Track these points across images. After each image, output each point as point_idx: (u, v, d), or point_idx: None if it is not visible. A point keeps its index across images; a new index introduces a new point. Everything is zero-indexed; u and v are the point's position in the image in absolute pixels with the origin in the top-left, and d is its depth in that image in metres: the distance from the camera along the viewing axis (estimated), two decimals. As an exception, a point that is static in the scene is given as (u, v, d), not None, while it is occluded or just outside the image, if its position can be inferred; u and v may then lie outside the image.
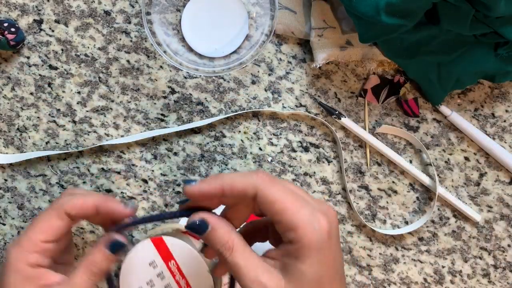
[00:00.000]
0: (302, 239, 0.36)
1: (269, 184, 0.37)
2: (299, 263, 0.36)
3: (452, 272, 0.55)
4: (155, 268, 0.47)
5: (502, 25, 0.47)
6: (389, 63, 0.54)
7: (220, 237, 0.37)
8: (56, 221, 0.41)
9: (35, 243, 0.40)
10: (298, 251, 0.36)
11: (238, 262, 0.37)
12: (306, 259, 0.36)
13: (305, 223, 0.36)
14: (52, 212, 0.41)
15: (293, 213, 0.36)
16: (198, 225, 0.38)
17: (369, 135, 0.54)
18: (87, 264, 0.40)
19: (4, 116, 0.54)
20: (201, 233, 0.38)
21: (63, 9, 0.54)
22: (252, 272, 0.36)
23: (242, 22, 0.53)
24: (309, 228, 0.36)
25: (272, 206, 0.36)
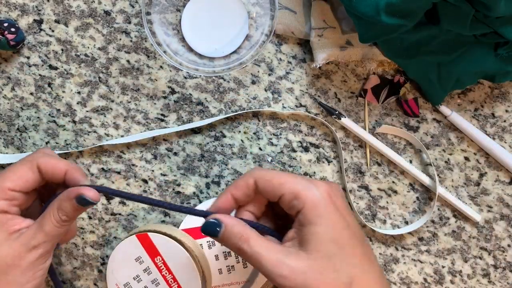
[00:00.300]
0: (306, 203, 0.38)
1: (264, 170, 0.41)
2: (312, 227, 0.37)
3: (452, 272, 0.55)
4: (142, 264, 0.48)
5: (502, 25, 0.47)
6: (389, 63, 0.54)
7: (235, 232, 0.38)
8: (27, 172, 0.42)
9: (3, 190, 0.41)
10: (307, 216, 0.38)
11: (257, 251, 0.38)
12: (317, 219, 0.38)
13: (305, 188, 0.38)
14: (25, 163, 0.42)
15: (292, 183, 0.39)
16: (212, 225, 0.39)
17: (369, 135, 0.54)
18: (55, 212, 0.41)
19: (4, 116, 0.54)
20: (216, 232, 0.39)
21: (63, 9, 0.54)
22: (273, 257, 0.37)
23: (242, 22, 0.53)
24: (309, 192, 0.38)
25: (271, 183, 0.39)
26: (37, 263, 0.41)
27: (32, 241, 0.40)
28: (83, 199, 0.40)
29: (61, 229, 0.41)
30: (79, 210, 0.41)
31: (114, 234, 0.55)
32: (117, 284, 0.49)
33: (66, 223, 0.41)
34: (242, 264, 0.50)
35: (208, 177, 0.54)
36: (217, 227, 0.39)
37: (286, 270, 0.37)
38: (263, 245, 0.38)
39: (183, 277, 0.47)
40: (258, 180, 0.40)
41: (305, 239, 0.38)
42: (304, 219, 0.38)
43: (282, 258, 0.37)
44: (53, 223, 0.41)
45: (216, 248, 0.50)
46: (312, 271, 0.37)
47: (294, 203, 0.38)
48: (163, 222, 0.54)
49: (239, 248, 0.38)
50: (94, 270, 0.55)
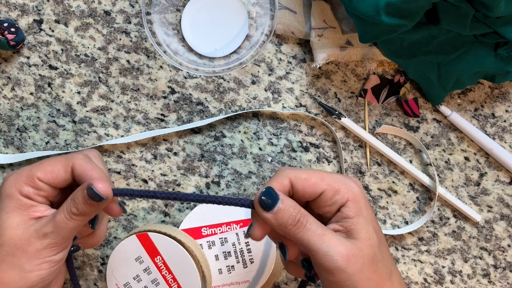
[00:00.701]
0: (350, 197, 0.38)
1: (295, 169, 0.39)
2: (359, 219, 0.38)
3: (452, 272, 0.55)
4: (142, 264, 0.48)
5: (502, 25, 0.47)
6: (389, 63, 0.54)
7: (293, 205, 0.37)
8: (60, 168, 0.41)
9: (31, 178, 0.40)
10: (352, 208, 0.38)
11: (318, 226, 0.37)
12: (362, 212, 0.38)
13: (345, 183, 0.39)
14: (61, 160, 0.41)
15: (330, 179, 0.39)
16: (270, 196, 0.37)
17: (369, 135, 0.54)
18: (69, 202, 0.40)
19: (4, 116, 0.54)
20: (274, 203, 0.37)
21: (63, 9, 0.54)
22: (334, 236, 0.37)
23: (242, 22, 0.53)
24: (350, 187, 0.39)
25: (308, 181, 0.38)
26: (44, 253, 0.40)
27: (43, 228, 0.40)
28: (92, 190, 0.38)
29: (70, 222, 0.40)
30: (90, 206, 0.39)
31: (114, 234, 0.55)
32: (117, 284, 0.49)
33: (76, 217, 0.40)
34: (242, 264, 0.50)
35: (208, 177, 0.54)
36: (275, 198, 0.37)
37: (348, 250, 0.36)
38: (320, 224, 0.37)
39: (183, 277, 0.47)
40: (294, 180, 0.39)
41: (354, 230, 0.38)
42: (349, 211, 0.38)
43: (342, 240, 0.37)
44: (64, 214, 0.40)
45: (216, 248, 0.50)
46: (368, 258, 0.37)
47: (336, 198, 0.38)
48: (163, 222, 0.54)
49: (298, 220, 0.37)
50: (94, 270, 0.55)
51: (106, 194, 0.39)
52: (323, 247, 0.36)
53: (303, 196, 0.39)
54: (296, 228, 0.37)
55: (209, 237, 0.50)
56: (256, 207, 0.38)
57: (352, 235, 0.38)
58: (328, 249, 0.36)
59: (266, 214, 0.37)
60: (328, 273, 0.37)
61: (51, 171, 0.41)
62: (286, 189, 0.39)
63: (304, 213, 0.37)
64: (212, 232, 0.50)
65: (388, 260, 0.39)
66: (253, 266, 0.50)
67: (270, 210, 0.37)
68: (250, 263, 0.50)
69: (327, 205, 0.39)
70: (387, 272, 0.38)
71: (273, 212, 0.37)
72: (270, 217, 0.37)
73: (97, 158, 0.44)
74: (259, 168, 0.54)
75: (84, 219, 0.40)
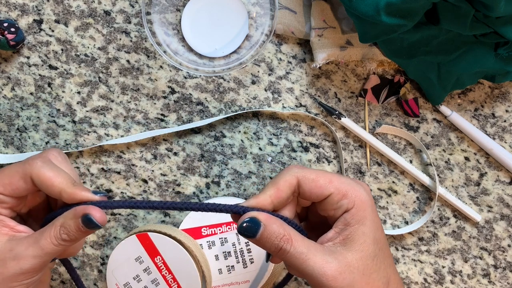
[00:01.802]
0: (356, 203, 0.37)
1: (303, 168, 0.39)
2: (359, 227, 0.37)
3: (452, 272, 0.55)
4: (142, 264, 0.48)
5: (502, 25, 0.47)
6: (389, 63, 0.54)
7: (275, 232, 0.37)
8: (18, 180, 0.38)
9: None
10: (356, 216, 0.37)
11: (301, 251, 0.36)
12: (365, 220, 0.37)
13: (353, 188, 0.38)
14: (18, 170, 0.38)
15: (338, 182, 0.38)
16: (250, 225, 0.37)
17: (369, 135, 0.54)
18: (58, 229, 0.38)
19: (4, 116, 0.54)
20: (255, 233, 0.37)
21: (63, 9, 0.54)
22: (319, 257, 0.36)
23: (242, 22, 0.53)
24: (358, 192, 0.38)
25: (316, 183, 0.38)
26: (22, 277, 0.37)
27: (24, 251, 0.37)
28: (89, 220, 0.37)
29: (57, 248, 0.38)
30: (83, 233, 0.38)
31: (114, 234, 0.55)
32: (117, 284, 0.49)
33: (66, 242, 0.38)
34: (242, 264, 0.50)
35: (208, 177, 0.54)
36: (256, 227, 0.36)
37: (333, 270, 0.36)
38: (307, 245, 0.37)
39: (183, 277, 0.47)
40: (302, 180, 0.38)
41: (350, 239, 0.37)
42: (351, 218, 0.37)
43: (328, 258, 0.36)
44: (51, 239, 0.37)
45: (216, 248, 0.50)
46: (358, 271, 0.36)
47: (342, 202, 0.38)
48: (163, 222, 0.54)
49: (281, 248, 0.37)
50: (94, 270, 0.55)
51: (103, 222, 0.37)
52: (308, 270, 0.36)
53: (309, 197, 0.39)
54: (280, 254, 0.37)
55: (209, 237, 0.50)
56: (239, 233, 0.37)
57: (346, 245, 0.37)
58: (312, 271, 0.36)
59: (249, 239, 0.37)
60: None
61: (9, 183, 0.38)
62: (292, 188, 0.38)
63: (287, 239, 0.37)
64: (212, 232, 0.50)
65: (385, 269, 0.38)
66: (253, 266, 0.50)
67: (252, 238, 0.37)
68: (250, 263, 0.50)
69: (333, 209, 0.38)
70: (383, 281, 0.38)
71: (255, 239, 0.37)
72: (253, 242, 0.37)
73: (58, 158, 0.41)
74: (259, 168, 0.54)
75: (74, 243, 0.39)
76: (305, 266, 0.36)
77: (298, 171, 0.38)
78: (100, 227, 0.37)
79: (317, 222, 0.41)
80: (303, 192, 0.38)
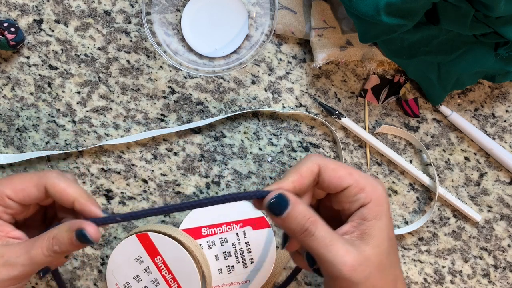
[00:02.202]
0: (373, 198, 0.37)
1: (325, 158, 0.39)
2: (376, 223, 0.37)
3: (452, 272, 0.55)
4: (142, 264, 0.48)
5: (502, 25, 0.47)
6: (389, 63, 0.54)
7: (303, 212, 0.36)
8: (32, 188, 0.39)
9: (0, 196, 0.39)
10: (373, 211, 0.37)
11: (326, 236, 0.36)
12: (381, 216, 0.37)
13: (371, 183, 0.38)
14: (33, 178, 0.40)
15: (357, 175, 0.38)
16: (279, 202, 0.36)
17: (369, 135, 0.54)
18: (51, 240, 0.38)
19: (4, 116, 0.54)
20: (283, 210, 0.36)
21: (63, 9, 0.54)
22: (342, 245, 0.36)
23: (242, 22, 0.53)
24: (376, 188, 0.38)
25: (336, 173, 0.38)
26: (8, 283, 0.38)
27: (15, 259, 0.38)
28: (83, 235, 0.37)
29: (47, 259, 0.38)
30: (75, 246, 0.38)
31: (114, 234, 0.55)
32: (117, 284, 0.49)
33: (56, 254, 0.38)
34: (242, 264, 0.50)
35: (208, 177, 0.54)
36: (284, 204, 0.36)
37: (354, 261, 0.36)
38: (330, 231, 0.37)
39: (183, 277, 0.47)
40: (323, 168, 0.38)
41: (367, 234, 0.37)
42: (368, 213, 0.37)
43: (349, 248, 0.36)
44: (42, 250, 0.38)
45: (216, 248, 0.50)
46: (374, 266, 0.36)
47: (360, 196, 0.38)
48: (163, 222, 0.54)
49: (306, 229, 0.36)
50: (94, 270, 0.55)
51: (96, 239, 0.38)
52: (329, 256, 0.36)
53: (327, 187, 0.38)
54: (304, 236, 0.36)
55: (209, 237, 0.50)
56: (265, 210, 0.37)
57: (363, 239, 0.37)
58: (333, 258, 0.36)
59: (275, 218, 0.37)
60: (332, 280, 0.36)
61: (22, 190, 0.39)
62: (314, 176, 0.38)
63: (313, 221, 0.36)
64: (212, 232, 0.50)
65: (395, 268, 0.39)
66: (253, 266, 0.50)
67: (278, 215, 0.36)
68: (250, 263, 0.50)
69: (349, 202, 0.38)
70: (392, 279, 0.38)
71: (281, 218, 0.36)
72: (278, 221, 0.37)
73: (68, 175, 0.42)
74: (259, 168, 0.54)
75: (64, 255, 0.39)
76: (327, 251, 0.36)
77: (319, 159, 0.38)
78: (92, 243, 0.38)
79: (327, 217, 0.41)
80: (322, 182, 0.38)
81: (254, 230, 0.50)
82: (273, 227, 0.54)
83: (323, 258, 0.36)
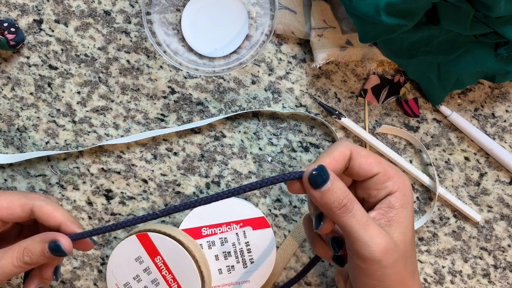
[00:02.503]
0: (401, 187, 0.38)
1: (357, 145, 0.39)
2: (404, 212, 0.38)
3: (452, 272, 0.55)
4: (142, 264, 0.48)
5: (502, 25, 0.47)
6: (389, 63, 0.54)
7: (342, 188, 0.36)
8: (17, 208, 0.40)
9: None
10: (400, 200, 0.38)
11: (363, 214, 0.36)
12: (407, 206, 0.38)
13: (399, 173, 0.39)
14: (20, 198, 0.40)
15: (386, 164, 0.39)
16: (320, 174, 0.36)
17: (369, 135, 0.54)
18: (22, 251, 0.38)
19: (4, 116, 0.54)
20: (323, 182, 0.36)
21: (63, 9, 0.54)
22: (375, 227, 0.36)
23: (242, 22, 0.53)
24: (403, 178, 0.39)
25: (367, 159, 0.38)
26: None
27: None
28: (57, 246, 0.37)
29: (16, 270, 0.38)
30: (46, 258, 0.38)
31: (114, 234, 0.55)
32: (117, 284, 0.49)
33: (26, 265, 0.38)
34: (242, 264, 0.50)
35: (208, 177, 0.54)
36: (325, 177, 0.36)
37: (386, 244, 0.36)
38: (365, 212, 0.37)
39: (183, 277, 0.47)
40: (354, 153, 0.38)
41: (395, 222, 0.37)
42: (396, 201, 0.38)
43: (382, 231, 0.36)
44: (12, 260, 0.38)
45: (216, 248, 0.50)
46: (400, 253, 0.37)
47: (388, 184, 0.38)
48: (163, 222, 0.54)
49: (344, 205, 0.36)
50: (94, 270, 0.55)
51: (69, 251, 0.38)
52: (364, 236, 0.36)
53: (357, 173, 0.39)
54: (341, 212, 0.36)
55: (209, 237, 0.50)
56: (304, 182, 0.37)
57: (392, 226, 0.37)
58: (368, 239, 0.36)
59: (314, 191, 0.36)
60: (362, 261, 0.36)
61: (7, 208, 0.40)
62: (346, 160, 0.38)
63: (351, 198, 0.37)
64: (212, 232, 0.50)
65: (415, 259, 0.39)
66: (253, 266, 0.50)
67: (318, 188, 0.36)
68: (250, 263, 0.50)
69: (376, 189, 0.38)
70: (412, 269, 0.38)
71: (320, 191, 0.36)
72: (317, 195, 0.36)
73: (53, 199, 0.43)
74: (259, 168, 0.54)
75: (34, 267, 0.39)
76: (363, 231, 0.36)
77: (351, 145, 0.39)
78: (65, 254, 0.38)
79: None
80: (352, 167, 0.39)
81: (254, 230, 0.50)
82: (273, 227, 0.54)
83: (358, 237, 0.36)
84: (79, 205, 0.54)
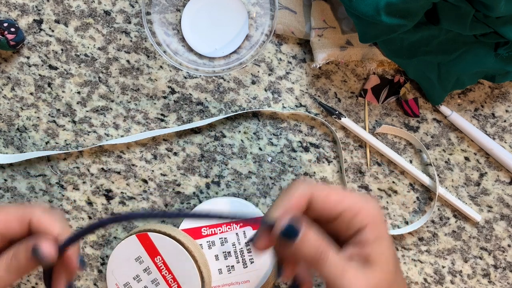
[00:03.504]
0: (369, 221, 0.36)
1: (317, 185, 0.37)
2: (377, 246, 0.36)
3: (452, 272, 0.55)
4: (142, 264, 0.48)
5: (502, 25, 0.47)
6: (389, 63, 0.54)
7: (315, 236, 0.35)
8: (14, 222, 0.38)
9: None
10: (371, 234, 0.36)
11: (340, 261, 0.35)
12: (381, 238, 0.36)
13: (364, 206, 0.36)
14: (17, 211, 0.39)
15: (350, 198, 0.36)
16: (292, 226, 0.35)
17: (369, 135, 0.54)
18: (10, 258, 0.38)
19: (4, 116, 0.54)
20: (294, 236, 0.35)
21: (63, 9, 0.54)
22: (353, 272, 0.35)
23: (242, 22, 0.53)
24: (370, 210, 0.36)
25: (329, 200, 0.36)
26: None
27: None
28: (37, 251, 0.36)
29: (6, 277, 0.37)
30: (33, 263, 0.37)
31: (114, 234, 0.55)
32: (117, 284, 0.49)
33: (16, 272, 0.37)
34: (242, 264, 0.50)
35: (208, 177, 0.54)
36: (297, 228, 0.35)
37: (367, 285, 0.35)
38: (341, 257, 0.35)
39: (183, 277, 0.47)
40: (315, 195, 0.36)
41: (372, 256, 0.36)
42: (367, 237, 0.36)
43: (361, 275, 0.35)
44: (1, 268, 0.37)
45: (216, 248, 0.50)
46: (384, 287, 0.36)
47: (355, 221, 0.36)
48: (163, 222, 0.54)
49: (321, 253, 0.35)
50: (94, 270, 0.55)
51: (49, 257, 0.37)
52: (344, 283, 0.34)
53: (320, 216, 0.37)
54: (317, 262, 0.35)
55: (209, 237, 0.50)
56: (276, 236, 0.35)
57: (369, 261, 0.36)
58: (349, 284, 0.34)
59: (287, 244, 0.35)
60: None
61: (4, 221, 0.38)
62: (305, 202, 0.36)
63: (326, 245, 0.35)
64: (212, 232, 0.50)
65: (400, 281, 0.38)
66: (253, 266, 0.50)
67: (292, 239, 0.35)
68: (250, 263, 0.50)
69: (345, 228, 0.37)
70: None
71: (293, 244, 0.35)
72: (289, 250, 0.35)
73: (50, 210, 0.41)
74: (259, 168, 0.54)
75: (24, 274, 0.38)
76: (341, 278, 0.35)
77: (309, 185, 0.37)
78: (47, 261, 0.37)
79: None
80: (314, 209, 0.37)
81: (254, 230, 0.50)
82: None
83: (336, 285, 0.35)
84: (79, 205, 0.54)
